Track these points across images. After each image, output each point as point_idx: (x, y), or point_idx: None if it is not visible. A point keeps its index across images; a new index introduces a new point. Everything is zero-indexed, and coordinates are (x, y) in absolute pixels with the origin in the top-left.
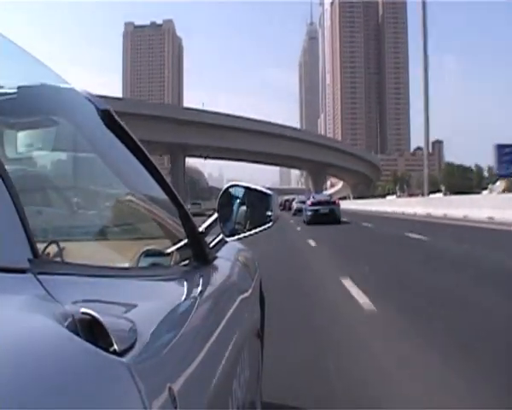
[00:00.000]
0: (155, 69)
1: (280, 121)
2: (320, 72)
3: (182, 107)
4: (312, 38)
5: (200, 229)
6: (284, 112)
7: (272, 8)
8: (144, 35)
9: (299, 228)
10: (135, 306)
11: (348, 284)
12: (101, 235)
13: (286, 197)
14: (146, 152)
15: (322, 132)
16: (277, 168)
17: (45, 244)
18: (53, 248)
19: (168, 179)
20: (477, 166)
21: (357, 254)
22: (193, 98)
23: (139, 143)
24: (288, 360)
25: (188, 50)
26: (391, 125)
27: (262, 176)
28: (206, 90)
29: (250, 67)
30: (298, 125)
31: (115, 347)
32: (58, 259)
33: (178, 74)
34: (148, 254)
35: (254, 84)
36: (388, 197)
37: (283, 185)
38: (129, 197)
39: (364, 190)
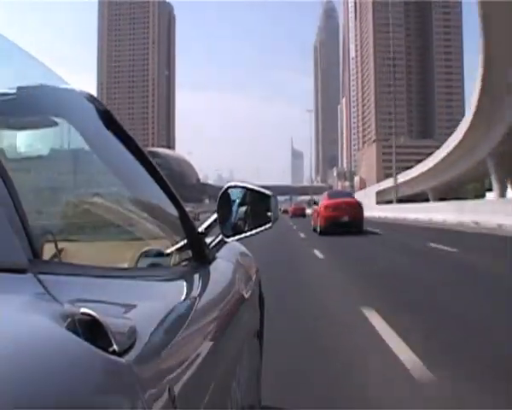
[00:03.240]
0: (137, 55)
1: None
2: (341, 47)
3: None
4: (330, 17)
5: (200, 229)
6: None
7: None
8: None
9: None
10: (134, 306)
11: None
12: (101, 235)
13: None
14: (145, 152)
15: (345, 121)
16: (289, 166)
17: (45, 244)
18: (53, 249)
19: None
20: None
21: None
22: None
23: (138, 144)
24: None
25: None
26: (440, 103)
27: (272, 175)
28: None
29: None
30: (312, 121)
31: (115, 347)
32: (58, 259)
33: (169, 56)
34: (147, 254)
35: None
36: (489, 195)
37: (296, 183)
38: (128, 197)
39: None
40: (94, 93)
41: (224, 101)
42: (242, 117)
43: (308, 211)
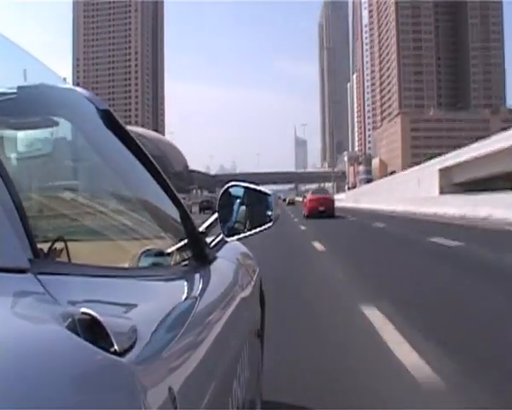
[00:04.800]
0: (117, 32)
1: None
2: (350, 17)
3: None
4: None
5: (201, 229)
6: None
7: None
8: None
9: None
10: (135, 306)
11: None
12: (101, 235)
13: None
14: (146, 152)
15: (356, 96)
16: (292, 154)
17: (45, 244)
18: (53, 248)
19: None
20: None
21: None
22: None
23: (139, 143)
24: None
25: None
26: (476, 69)
27: (275, 164)
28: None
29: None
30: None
31: (115, 347)
32: (58, 259)
33: (156, 43)
34: (148, 254)
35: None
36: None
37: (300, 169)
38: (128, 197)
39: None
40: (69, 68)
41: (226, 92)
42: (244, 108)
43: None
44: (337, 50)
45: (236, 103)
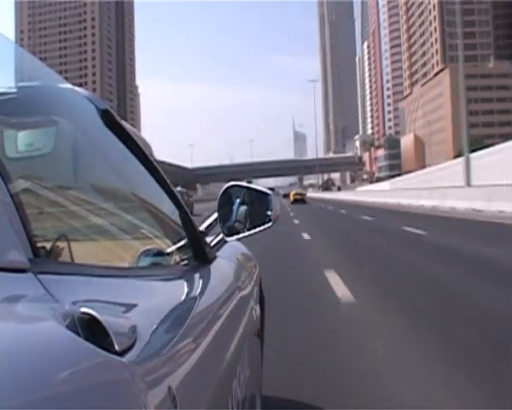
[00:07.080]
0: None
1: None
2: None
3: None
4: None
5: (201, 228)
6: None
7: None
8: None
9: None
10: (135, 305)
11: None
12: (101, 235)
13: None
14: (146, 151)
15: (368, 68)
16: (291, 149)
17: (45, 244)
18: (53, 248)
19: None
20: None
21: None
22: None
23: (139, 143)
24: None
25: None
26: None
27: (275, 151)
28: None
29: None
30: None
31: (115, 346)
32: (58, 258)
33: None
34: (147, 253)
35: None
36: None
37: (301, 156)
38: (128, 197)
39: None
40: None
41: (224, 91)
42: (241, 104)
43: None
44: (340, 24)
45: (236, 102)
